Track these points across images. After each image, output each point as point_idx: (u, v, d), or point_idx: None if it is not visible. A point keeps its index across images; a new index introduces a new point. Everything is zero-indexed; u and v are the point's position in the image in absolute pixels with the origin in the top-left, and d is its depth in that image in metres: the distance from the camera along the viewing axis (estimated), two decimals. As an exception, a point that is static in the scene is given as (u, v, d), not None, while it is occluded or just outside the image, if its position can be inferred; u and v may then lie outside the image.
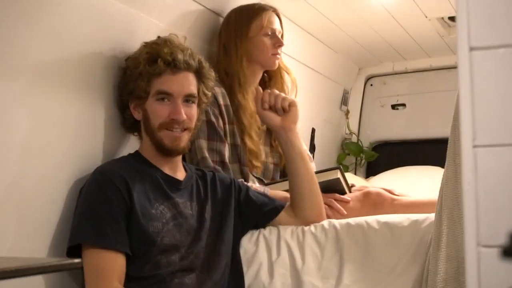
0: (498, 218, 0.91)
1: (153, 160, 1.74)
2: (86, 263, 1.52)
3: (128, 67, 1.75)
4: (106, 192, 1.58)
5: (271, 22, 2.18)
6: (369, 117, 3.74)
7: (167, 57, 1.69)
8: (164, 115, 1.70)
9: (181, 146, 1.72)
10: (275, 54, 2.18)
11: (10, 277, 0.93)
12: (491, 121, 0.93)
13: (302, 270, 1.75)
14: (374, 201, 2.03)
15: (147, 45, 1.76)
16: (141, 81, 1.70)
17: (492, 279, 0.91)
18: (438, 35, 3.10)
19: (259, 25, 2.17)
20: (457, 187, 1.42)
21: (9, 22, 1.43)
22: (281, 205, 1.90)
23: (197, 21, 2.18)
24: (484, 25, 0.94)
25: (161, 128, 1.70)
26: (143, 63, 1.70)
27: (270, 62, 2.19)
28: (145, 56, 1.71)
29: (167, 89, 1.70)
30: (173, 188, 1.72)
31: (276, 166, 2.27)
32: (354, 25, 2.92)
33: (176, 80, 1.71)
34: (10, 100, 1.48)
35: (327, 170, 2.08)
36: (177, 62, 1.70)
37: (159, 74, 1.69)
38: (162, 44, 1.73)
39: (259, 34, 2.17)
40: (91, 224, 1.55)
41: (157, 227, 1.61)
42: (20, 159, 1.52)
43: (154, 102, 1.71)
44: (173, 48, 1.72)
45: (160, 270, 1.59)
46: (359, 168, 3.69)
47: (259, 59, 2.18)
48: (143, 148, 1.77)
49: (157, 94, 1.70)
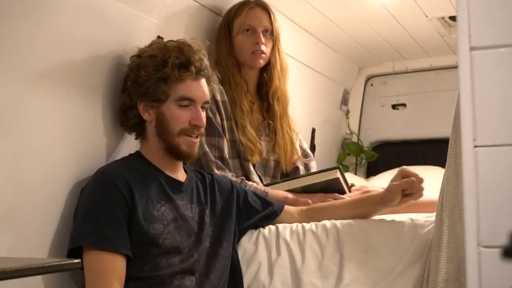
0: (499, 219, 0.91)
1: (156, 162, 1.73)
2: (87, 264, 1.52)
3: (143, 66, 1.69)
4: (108, 194, 1.57)
5: (249, 18, 2.14)
6: (369, 117, 3.73)
7: (197, 64, 1.70)
8: (185, 121, 1.69)
9: (196, 151, 1.75)
10: (255, 52, 2.13)
11: (10, 277, 0.93)
12: (491, 121, 0.93)
13: (302, 270, 1.74)
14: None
15: (168, 48, 1.71)
16: (164, 84, 1.67)
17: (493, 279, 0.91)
18: (438, 35, 3.10)
19: (238, 23, 2.14)
20: (458, 187, 1.42)
21: (11, 23, 1.43)
22: (280, 208, 1.90)
23: (197, 20, 2.18)
24: (485, 25, 0.94)
25: (180, 134, 1.70)
26: (171, 67, 1.66)
27: (250, 61, 2.15)
28: (175, 61, 1.67)
29: (192, 95, 1.69)
30: (175, 189, 1.72)
31: (277, 164, 2.25)
32: (354, 24, 2.92)
33: (198, 87, 1.71)
34: (10, 100, 1.47)
35: (327, 170, 2.07)
36: (202, 71, 1.72)
37: (183, 79, 1.69)
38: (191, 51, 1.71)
39: (239, 33, 2.14)
40: (92, 226, 1.55)
41: (159, 229, 1.61)
42: (20, 159, 1.51)
43: (175, 107, 1.69)
44: (200, 55, 1.72)
45: (159, 272, 1.59)
46: (359, 168, 3.69)
47: (240, 58, 2.16)
48: (146, 149, 1.76)
49: (180, 100, 1.69)
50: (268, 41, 2.16)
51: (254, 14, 2.15)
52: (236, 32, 2.15)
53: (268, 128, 2.24)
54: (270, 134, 2.24)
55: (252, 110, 2.18)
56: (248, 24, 2.13)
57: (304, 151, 2.39)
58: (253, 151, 2.12)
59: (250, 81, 2.20)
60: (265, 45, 2.14)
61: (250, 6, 2.16)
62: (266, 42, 2.15)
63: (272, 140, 2.23)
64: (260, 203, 1.89)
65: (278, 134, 2.22)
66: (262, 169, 2.21)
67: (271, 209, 1.89)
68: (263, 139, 2.21)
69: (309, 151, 2.43)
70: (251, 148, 2.11)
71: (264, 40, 2.14)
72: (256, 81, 2.23)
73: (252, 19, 2.14)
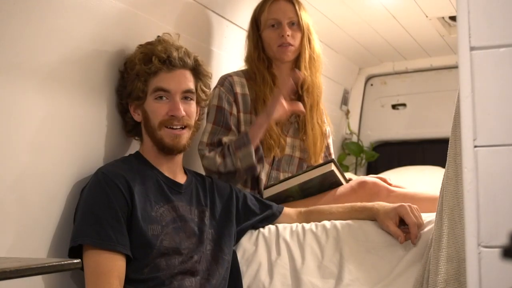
0: (499, 219, 0.91)
1: (154, 161, 1.74)
2: (87, 263, 1.52)
3: (125, 69, 1.76)
4: (108, 194, 1.57)
5: (273, 11, 2.13)
6: (369, 117, 3.74)
7: (161, 55, 1.70)
8: (163, 113, 1.70)
9: (181, 143, 1.72)
10: (281, 45, 2.11)
11: (10, 277, 0.93)
12: (491, 121, 0.93)
13: (302, 270, 1.74)
14: (370, 191, 2.01)
15: (141, 46, 1.77)
16: (138, 82, 1.71)
17: (493, 279, 0.91)
18: (438, 35, 3.10)
19: (264, 18, 2.14)
20: (458, 187, 1.42)
21: (13, 24, 1.43)
22: (279, 211, 1.91)
23: (197, 21, 2.18)
24: (485, 25, 0.94)
25: (161, 126, 1.70)
26: (138, 63, 1.71)
27: (279, 55, 2.14)
28: (140, 56, 1.72)
29: (164, 86, 1.70)
30: (174, 191, 1.72)
31: (302, 161, 2.23)
32: (354, 24, 2.92)
33: (172, 77, 1.71)
34: (11, 101, 1.47)
35: (321, 165, 2.07)
36: (172, 59, 1.71)
37: (155, 72, 1.70)
38: (156, 44, 1.74)
39: (265, 28, 2.15)
40: (93, 225, 1.55)
41: (157, 230, 1.61)
42: (20, 160, 1.51)
43: (152, 101, 1.71)
44: (167, 46, 1.73)
45: (159, 273, 1.58)
46: (360, 168, 3.69)
47: (270, 53, 2.16)
48: (143, 149, 1.77)
49: (154, 92, 1.70)
50: (295, 33, 2.13)
51: (278, 7, 2.14)
52: (263, 28, 2.15)
53: (297, 123, 2.22)
54: (299, 128, 2.22)
55: None
56: (272, 18, 2.13)
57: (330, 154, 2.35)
58: (273, 146, 2.10)
59: (282, 75, 2.17)
60: (292, 37, 2.12)
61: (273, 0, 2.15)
62: (293, 33, 2.13)
63: (302, 132, 2.21)
64: (258, 206, 1.89)
65: (308, 126, 2.20)
66: (287, 165, 2.20)
67: (270, 211, 1.89)
68: (291, 135, 2.20)
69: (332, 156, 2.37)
70: (270, 144, 2.10)
71: (291, 31, 2.12)
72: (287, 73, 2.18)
73: (276, 12, 2.13)
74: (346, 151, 3.67)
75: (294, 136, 2.21)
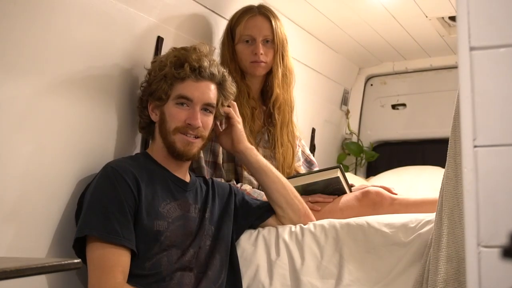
0: (498, 218, 0.91)
1: (161, 161, 1.76)
2: (91, 256, 1.53)
3: (153, 69, 1.77)
4: (116, 187, 1.59)
5: (249, 28, 2.13)
6: (369, 117, 3.74)
7: (193, 63, 1.72)
8: (181, 119, 1.71)
9: (192, 151, 1.74)
10: (254, 62, 2.12)
11: (10, 277, 0.93)
12: (491, 121, 0.93)
13: (301, 270, 1.74)
14: (374, 200, 2.02)
15: (176, 49, 1.79)
16: (164, 83, 1.72)
17: (493, 279, 0.91)
18: (438, 35, 3.10)
19: (239, 32, 2.14)
20: (458, 187, 1.42)
21: (17, 26, 1.44)
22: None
23: (197, 21, 2.18)
24: (484, 25, 0.94)
25: (175, 132, 1.72)
26: (169, 66, 1.72)
27: (250, 70, 2.15)
28: (173, 60, 1.73)
29: (188, 94, 1.71)
30: (180, 189, 1.74)
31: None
32: (354, 25, 2.92)
33: (198, 87, 1.73)
34: (13, 101, 1.48)
35: (327, 169, 2.08)
36: (202, 70, 1.73)
37: (183, 78, 1.71)
38: (190, 51, 1.75)
39: (239, 42, 2.14)
40: (100, 218, 1.56)
41: (162, 226, 1.63)
42: (22, 159, 1.52)
43: (173, 105, 1.72)
44: (201, 56, 1.74)
45: (160, 269, 1.60)
46: (360, 168, 3.69)
47: (241, 66, 2.16)
48: (153, 149, 1.79)
49: (177, 98, 1.72)
50: (268, 50, 2.14)
51: (254, 24, 2.13)
52: (237, 41, 2.15)
53: (268, 134, 2.24)
54: (270, 140, 2.24)
55: (253, 115, 2.17)
56: (247, 35, 2.13)
57: (307, 157, 2.39)
58: None
59: (254, 87, 2.20)
60: (265, 55, 2.13)
61: (251, 15, 2.14)
62: (266, 51, 2.13)
63: (272, 146, 2.23)
64: (256, 201, 1.93)
65: (277, 142, 2.22)
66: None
67: (267, 206, 1.91)
68: (262, 145, 2.21)
69: (312, 157, 2.42)
70: None
71: (264, 49, 2.13)
72: (260, 87, 2.23)
73: (252, 29, 2.13)
74: (346, 151, 3.67)
75: (264, 147, 2.22)
